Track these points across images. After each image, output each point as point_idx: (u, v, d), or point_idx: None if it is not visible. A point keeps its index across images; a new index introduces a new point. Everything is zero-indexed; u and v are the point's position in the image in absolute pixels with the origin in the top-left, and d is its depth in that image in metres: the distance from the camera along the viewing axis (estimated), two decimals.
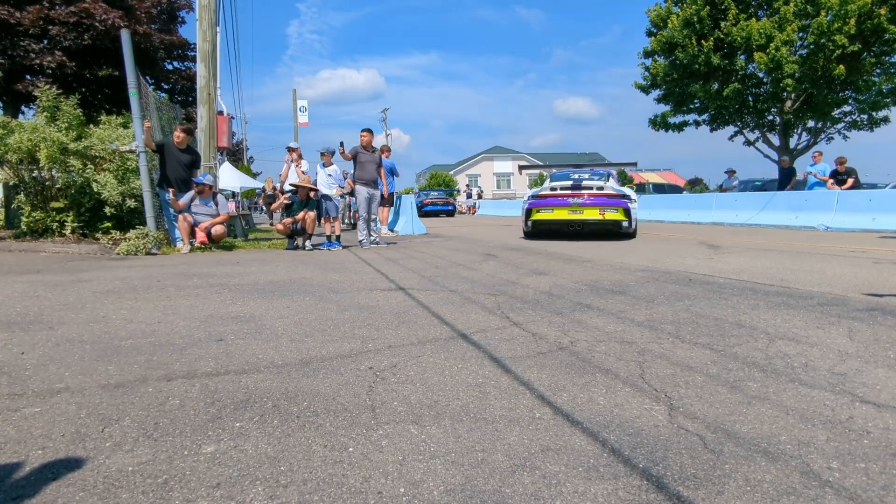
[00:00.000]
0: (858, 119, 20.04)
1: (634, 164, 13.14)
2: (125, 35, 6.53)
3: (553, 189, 8.72)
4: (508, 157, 58.76)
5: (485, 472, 1.30)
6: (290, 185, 8.21)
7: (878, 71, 18.53)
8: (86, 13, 12.94)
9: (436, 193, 28.76)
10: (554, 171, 10.92)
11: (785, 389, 1.82)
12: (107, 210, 7.38)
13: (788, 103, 19.66)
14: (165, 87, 17.10)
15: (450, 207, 26.94)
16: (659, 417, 1.61)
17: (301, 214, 7.64)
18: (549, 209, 8.53)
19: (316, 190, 7.85)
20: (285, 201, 8.01)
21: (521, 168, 13.79)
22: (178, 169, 7.24)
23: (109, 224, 7.61)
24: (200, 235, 7.05)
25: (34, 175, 7.63)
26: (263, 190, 21.81)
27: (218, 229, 7.29)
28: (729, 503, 1.16)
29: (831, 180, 11.90)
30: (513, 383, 1.92)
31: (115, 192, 7.20)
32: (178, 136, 7.37)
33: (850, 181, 11.62)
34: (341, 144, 8.05)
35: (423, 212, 23.44)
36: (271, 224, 15.89)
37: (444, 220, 20.25)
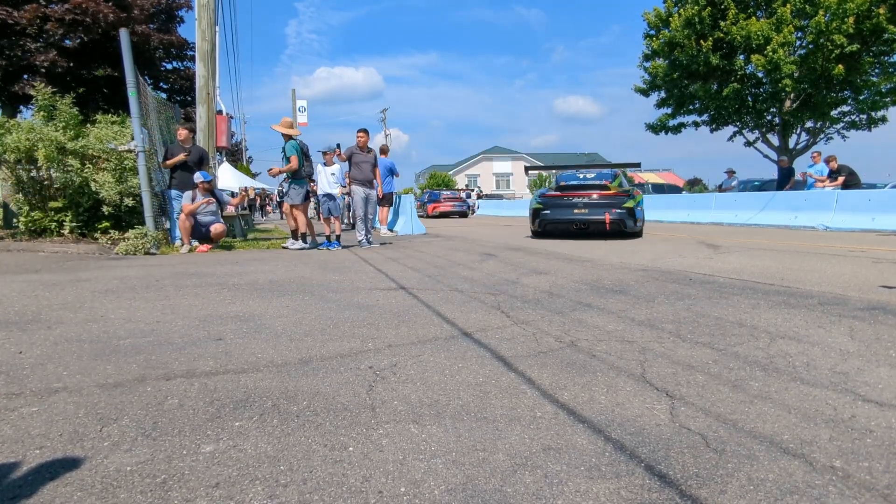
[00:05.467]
0: (857, 119, 20.07)
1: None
2: (124, 34, 6.51)
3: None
4: (508, 158, 58.71)
5: (486, 471, 1.29)
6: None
7: (876, 70, 18.56)
8: (81, 10, 12.90)
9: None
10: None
11: (787, 388, 1.81)
12: (105, 209, 7.35)
13: (787, 103, 19.67)
14: (164, 86, 17.06)
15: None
16: (660, 416, 1.60)
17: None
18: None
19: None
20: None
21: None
22: (187, 167, 7.26)
23: (108, 224, 7.58)
24: (203, 247, 7.02)
25: (32, 175, 7.60)
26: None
27: (217, 228, 7.27)
28: (732, 502, 1.15)
29: (827, 180, 11.95)
30: (514, 382, 1.92)
31: (113, 192, 7.17)
32: (182, 134, 7.41)
33: (841, 178, 11.67)
34: (337, 146, 8.06)
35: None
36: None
37: (444, 221, 20.13)
